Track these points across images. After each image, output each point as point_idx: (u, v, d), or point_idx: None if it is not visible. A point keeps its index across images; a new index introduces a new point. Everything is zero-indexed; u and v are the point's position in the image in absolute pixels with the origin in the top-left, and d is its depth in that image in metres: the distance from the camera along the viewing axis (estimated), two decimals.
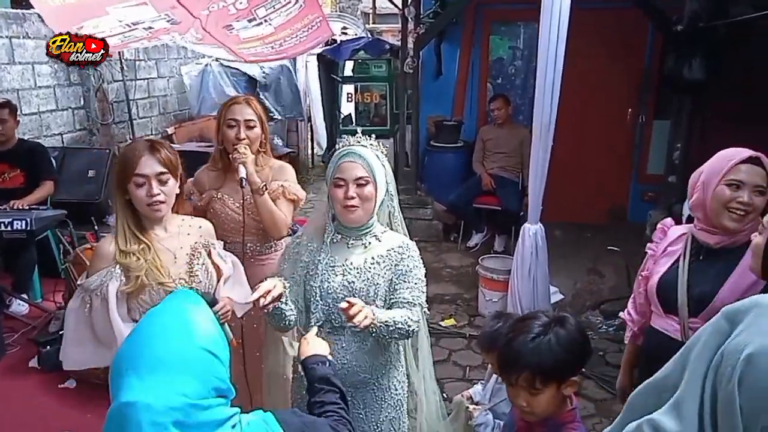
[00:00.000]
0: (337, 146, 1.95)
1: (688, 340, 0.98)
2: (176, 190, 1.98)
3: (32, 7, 4.92)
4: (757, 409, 0.81)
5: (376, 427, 1.99)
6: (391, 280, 1.92)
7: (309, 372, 1.60)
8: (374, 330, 1.74)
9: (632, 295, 2.21)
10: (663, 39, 5.29)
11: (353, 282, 1.89)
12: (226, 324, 2.05)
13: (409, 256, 1.95)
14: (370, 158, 1.87)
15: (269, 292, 1.73)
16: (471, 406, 2.15)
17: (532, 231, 3.82)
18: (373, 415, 1.98)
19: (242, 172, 2.39)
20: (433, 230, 5.77)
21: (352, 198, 1.83)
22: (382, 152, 1.95)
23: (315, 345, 1.69)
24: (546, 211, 3.87)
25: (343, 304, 1.67)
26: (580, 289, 4.76)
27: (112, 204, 1.94)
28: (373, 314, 1.72)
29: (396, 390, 2.03)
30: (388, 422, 2.01)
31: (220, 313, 2.00)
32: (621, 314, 2.24)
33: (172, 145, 6.67)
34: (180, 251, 2.00)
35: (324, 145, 8.49)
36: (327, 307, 1.90)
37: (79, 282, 1.94)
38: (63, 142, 5.80)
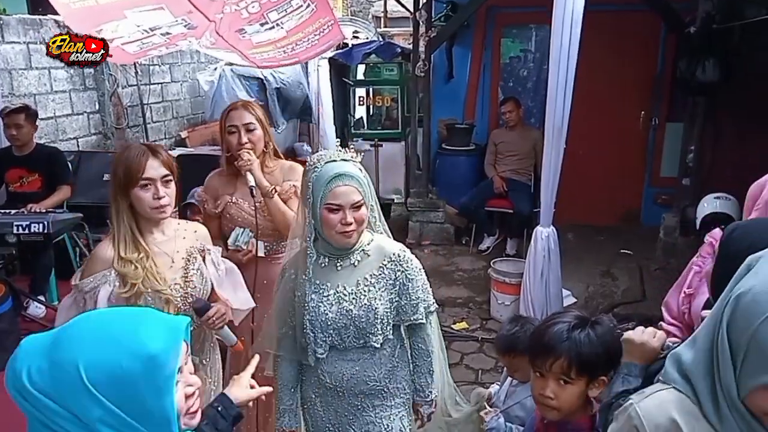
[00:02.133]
0: (315, 160, 1.84)
1: None
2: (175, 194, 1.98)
3: (49, 13, 5.01)
4: (740, 344, 0.91)
5: (386, 427, 1.99)
6: (390, 299, 1.89)
7: (219, 413, 1.44)
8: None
9: (664, 310, 2.00)
10: (676, 41, 5.27)
11: (350, 309, 1.85)
12: (225, 326, 2.07)
13: (402, 270, 1.90)
14: (360, 177, 1.81)
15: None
16: (483, 411, 2.15)
17: (544, 234, 3.82)
18: (384, 416, 1.99)
19: (251, 180, 2.42)
20: (444, 233, 5.76)
21: (351, 224, 1.79)
22: (360, 162, 1.88)
23: (240, 388, 1.52)
24: (558, 213, 3.86)
25: None
26: (593, 293, 4.74)
27: (112, 209, 1.92)
28: (427, 413, 2.04)
29: (405, 389, 2.04)
30: (398, 420, 2.01)
31: (215, 318, 2.00)
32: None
33: (185, 148, 6.73)
34: (176, 255, 2.00)
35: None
36: (330, 338, 1.88)
37: (73, 282, 1.93)
38: (78, 146, 5.87)
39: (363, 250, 1.89)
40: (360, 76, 7.23)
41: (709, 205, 4.08)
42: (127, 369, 0.92)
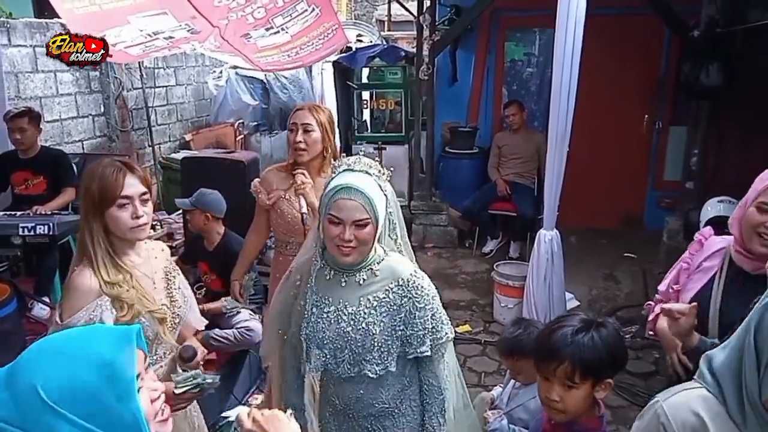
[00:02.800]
0: (337, 164, 1.75)
1: None
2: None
3: (55, 16, 5.04)
4: (764, 350, 0.94)
5: None
6: (394, 327, 1.74)
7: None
8: None
9: (654, 305, 2.01)
10: (680, 45, 5.27)
11: (348, 331, 1.73)
12: (201, 368, 1.96)
13: (410, 297, 1.73)
14: (371, 193, 1.64)
15: None
16: (486, 413, 2.15)
17: (547, 237, 3.82)
18: None
19: (304, 207, 2.48)
20: (448, 236, 5.77)
21: (349, 241, 1.64)
22: (385, 177, 1.74)
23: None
24: (562, 217, 3.86)
25: None
26: (596, 296, 4.74)
27: (83, 232, 1.80)
28: None
29: (420, 405, 1.93)
30: None
31: (198, 359, 1.91)
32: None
33: (190, 151, 6.74)
34: (156, 276, 1.92)
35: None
36: (324, 357, 1.77)
37: (60, 321, 1.73)
38: (84, 149, 5.89)
39: (371, 268, 1.75)
40: (364, 79, 7.24)
41: (713, 208, 4.06)
42: (85, 380, 0.91)
